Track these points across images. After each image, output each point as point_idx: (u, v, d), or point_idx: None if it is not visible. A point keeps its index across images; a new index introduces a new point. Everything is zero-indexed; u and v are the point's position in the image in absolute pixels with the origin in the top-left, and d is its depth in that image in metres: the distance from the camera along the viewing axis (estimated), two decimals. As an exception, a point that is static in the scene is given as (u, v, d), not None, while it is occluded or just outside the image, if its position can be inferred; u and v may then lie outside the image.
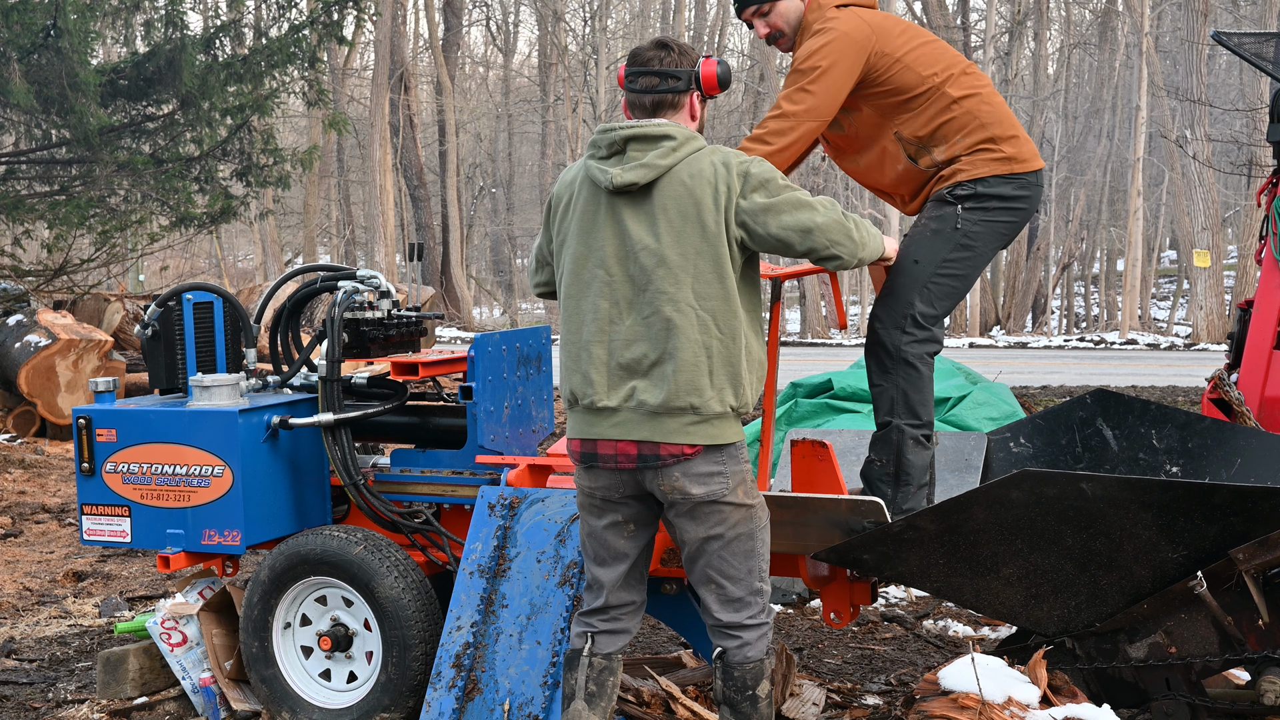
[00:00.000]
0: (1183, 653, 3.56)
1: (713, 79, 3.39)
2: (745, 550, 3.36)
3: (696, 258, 3.24)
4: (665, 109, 3.36)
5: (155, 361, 4.66)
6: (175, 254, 29.26)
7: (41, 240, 14.29)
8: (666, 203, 3.25)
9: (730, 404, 3.27)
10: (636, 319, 3.27)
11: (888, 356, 3.91)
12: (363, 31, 27.75)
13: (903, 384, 3.91)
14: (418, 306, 4.92)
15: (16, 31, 9.65)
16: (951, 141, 3.91)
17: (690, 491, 3.28)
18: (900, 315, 3.89)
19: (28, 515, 8.46)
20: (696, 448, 3.26)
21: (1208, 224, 22.78)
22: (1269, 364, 5.42)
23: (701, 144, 3.32)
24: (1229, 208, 31.85)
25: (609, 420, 3.31)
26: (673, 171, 3.26)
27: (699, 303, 3.24)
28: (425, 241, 29.98)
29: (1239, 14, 26.87)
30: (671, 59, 3.36)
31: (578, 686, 3.46)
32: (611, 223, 3.30)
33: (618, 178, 3.26)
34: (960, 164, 3.91)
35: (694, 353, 3.23)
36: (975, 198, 3.90)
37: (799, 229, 3.26)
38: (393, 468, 4.55)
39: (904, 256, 3.92)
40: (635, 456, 3.29)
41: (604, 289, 3.30)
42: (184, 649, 4.60)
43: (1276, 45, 6.06)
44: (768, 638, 3.42)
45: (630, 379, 3.28)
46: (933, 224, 3.93)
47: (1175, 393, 14.26)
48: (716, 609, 3.39)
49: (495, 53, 40.39)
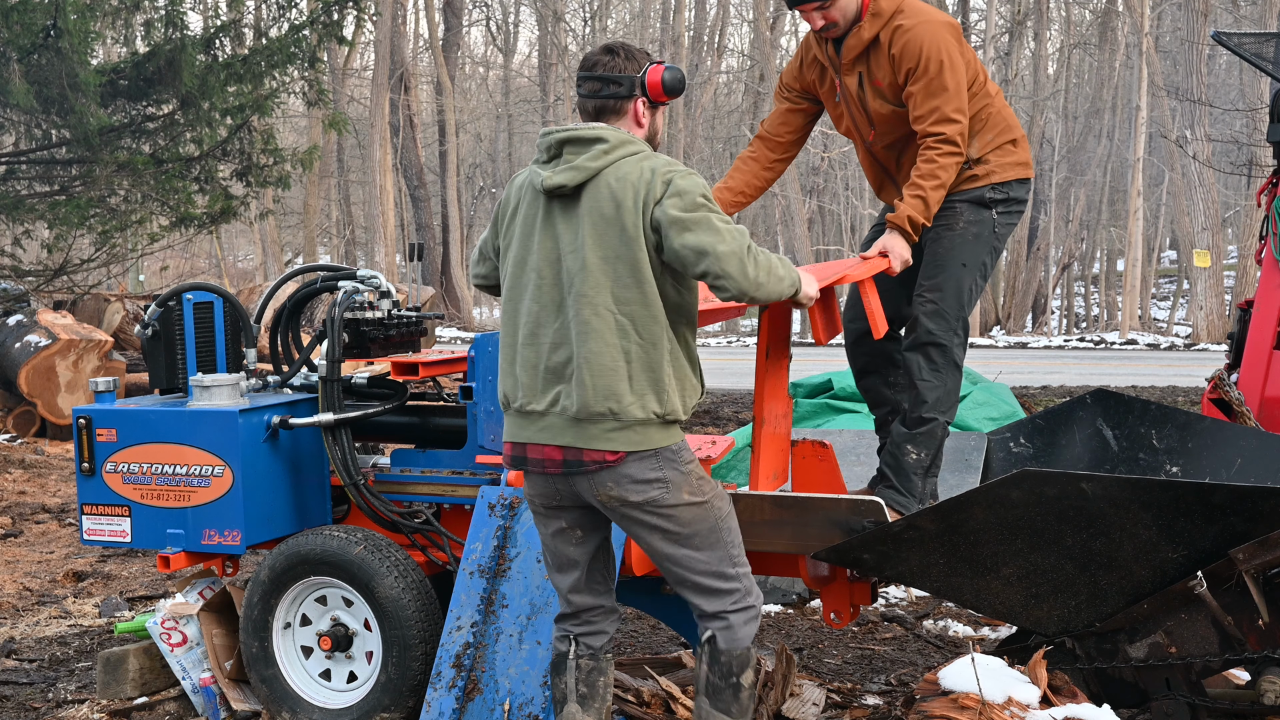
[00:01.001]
0: (1183, 653, 3.56)
1: (658, 86, 3.33)
2: (709, 542, 3.33)
3: (616, 261, 3.20)
4: (607, 114, 3.33)
5: (155, 361, 4.66)
6: (175, 254, 29.25)
7: (41, 240, 14.29)
8: (592, 205, 3.23)
9: (654, 410, 3.22)
10: (563, 322, 3.25)
11: (942, 356, 4.09)
12: (363, 31, 27.73)
13: (950, 383, 4.11)
14: (418, 306, 4.92)
15: (16, 31, 9.64)
16: (985, 138, 4.13)
17: (629, 499, 3.25)
18: (955, 318, 4.10)
19: (28, 515, 8.46)
20: (619, 454, 3.21)
21: (1208, 224, 22.78)
22: (1269, 364, 5.43)
23: (638, 149, 3.28)
24: (1229, 208, 31.85)
25: (537, 425, 3.30)
26: (602, 174, 3.23)
27: (618, 307, 3.20)
28: (425, 241, 29.97)
29: (1239, 14, 26.86)
30: (615, 64, 3.32)
31: (569, 689, 3.45)
32: (546, 226, 3.29)
33: (548, 180, 3.25)
34: (990, 163, 4.13)
35: (612, 357, 3.19)
36: (1006, 202, 4.17)
37: (696, 249, 3.17)
38: (393, 468, 4.55)
39: (950, 259, 4.11)
40: (560, 462, 3.26)
41: (536, 292, 3.29)
42: (184, 649, 4.60)
43: (1276, 45, 6.07)
44: (756, 622, 3.39)
45: (557, 384, 3.26)
46: (973, 228, 4.13)
47: (1175, 393, 14.26)
48: (696, 599, 3.38)
49: (495, 53, 40.40)
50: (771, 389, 3.98)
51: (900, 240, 3.99)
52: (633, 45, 3.39)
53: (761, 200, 34.27)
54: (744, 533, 3.79)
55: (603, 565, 3.49)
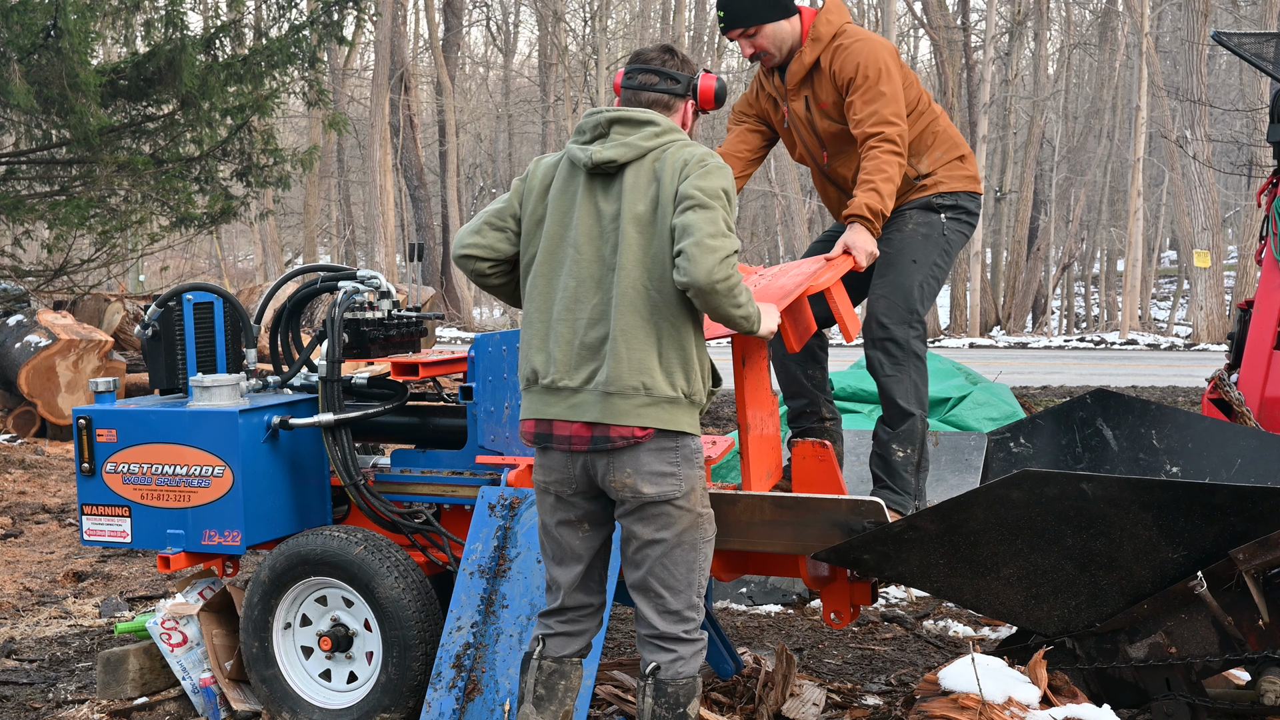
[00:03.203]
0: (1183, 653, 3.56)
1: (709, 92, 3.44)
2: (688, 561, 3.30)
3: (654, 238, 3.23)
4: (658, 107, 3.39)
5: (155, 362, 4.66)
6: (175, 254, 29.26)
7: (41, 240, 14.28)
8: (634, 182, 3.25)
9: (682, 388, 3.24)
10: (601, 298, 3.26)
11: (899, 349, 4.13)
12: (363, 32, 27.72)
13: (914, 375, 4.16)
14: (418, 307, 4.92)
15: (16, 32, 9.64)
16: (934, 155, 4.28)
17: (642, 490, 3.24)
18: (905, 310, 4.15)
19: (28, 515, 8.47)
20: (648, 430, 3.22)
21: (1208, 224, 22.78)
22: (1269, 364, 5.44)
23: (682, 138, 3.34)
24: (1229, 208, 31.86)
25: (567, 401, 3.28)
26: (649, 155, 3.27)
27: (652, 284, 3.22)
28: (425, 242, 29.98)
29: (1239, 14, 26.85)
30: (674, 63, 3.41)
31: (527, 689, 3.42)
32: (587, 202, 3.31)
33: (596, 154, 3.28)
34: (939, 175, 4.28)
35: (646, 333, 3.21)
36: (956, 209, 4.30)
37: (686, 225, 3.15)
38: (393, 468, 4.55)
39: (900, 256, 4.20)
40: (589, 439, 3.25)
41: (573, 268, 3.29)
42: (184, 649, 4.60)
43: (1276, 45, 6.07)
44: (701, 655, 3.36)
45: (592, 360, 3.26)
46: (922, 229, 4.25)
47: (1175, 393, 14.26)
48: (654, 618, 3.31)
49: (495, 53, 40.41)
50: (752, 395, 3.96)
51: (863, 233, 4.03)
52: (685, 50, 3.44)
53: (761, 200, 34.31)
54: (744, 533, 3.80)
55: (603, 562, 3.48)
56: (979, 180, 4.37)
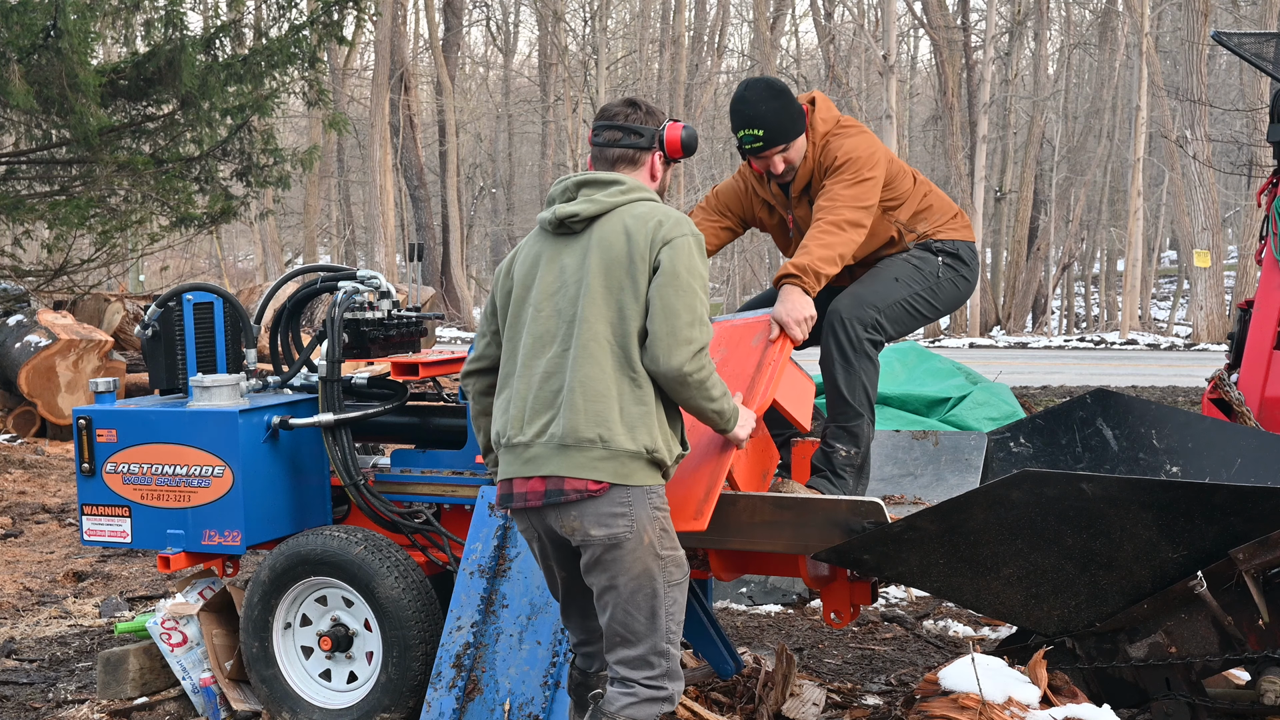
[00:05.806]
0: (1183, 653, 3.56)
1: (676, 142, 3.40)
2: (649, 607, 3.19)
3: (619, 291, 3.18)
4: (624, 164, 3.37)
5: (155, 362, 4.66)
6: (175, 254, 29.24)
7: (41, 240, 14.28)
8: (601, 237, 3.22)
9: (644, 444, 3.14)
10: (557, 350, 3.20)
11: (851, 348, 4.07)
12: (363, 31, 27.72)
13: (864, 378, 4.09)
14: (418, 307, 4.92)
15: (16, 32, 9.62)
16: (931, 220, 4.28)
17: (590, 533, 3.14)
18: (867, 313, 4.09)
19: (28, 515, 8.47)
20: (602, 485, 3.12)
21: (1208, 224, 22.78)
22: (1269, 364, 5.43)
23: (650, 197, 3.31)
24: (1229, 208, 31.86)
25: (521, 457, 3.21)
26: (616, 211, 3.25)
27: (615, 338, 3.16)
28: (425, 241, 29.98)
29: (1239, 14, 26.86)
30: (637, 116, 3.38)
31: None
32: (550, 262, 3.28)
33: (561, 209, 3.26)
34: (936, 227, 4.30)
35: (605, 384, 3.13)
36: (953, 257, 4.28)
37: (667, 306, 3.13)
38: (393, 468, 4.55)
39: (884, 272, 4.19)
40: (543, 493, 3.16)
41: (531, 325, 3.26)
42: (184, 649, 4.60)
43: (1276, 45, 6.07)
44: (660, 707, 3.21)
45: (546, 411, 3.18)
46: (915, 260, 4.24)
47: (1175, 393, 14.26)
48: (615, 661, 3.24)
49: (495, 53, 40.40)
50: None
51: (792, 295, 3.87)
52: (652, 102, 3.42)
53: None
54: (744, 533, 3.79)
55: (585, 598, 3.37)
56: (974, 234, 4.38)
